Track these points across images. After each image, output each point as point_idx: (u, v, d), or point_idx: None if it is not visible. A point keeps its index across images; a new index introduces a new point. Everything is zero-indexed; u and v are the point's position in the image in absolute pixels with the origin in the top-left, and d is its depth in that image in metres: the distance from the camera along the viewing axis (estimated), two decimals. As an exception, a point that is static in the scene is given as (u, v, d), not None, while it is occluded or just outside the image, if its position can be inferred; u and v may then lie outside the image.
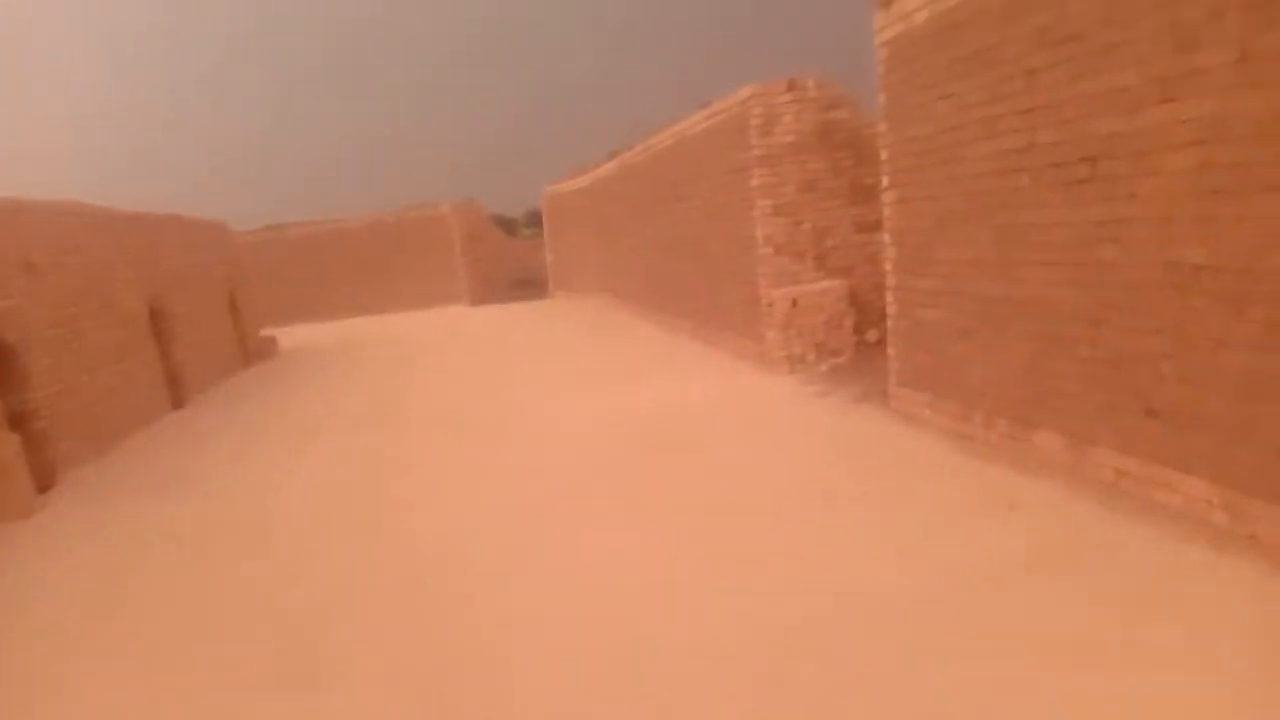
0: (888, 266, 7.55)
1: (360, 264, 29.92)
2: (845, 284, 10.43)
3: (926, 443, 6.90)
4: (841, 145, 10.52)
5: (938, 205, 6.67)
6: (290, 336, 24.08)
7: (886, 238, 7.51)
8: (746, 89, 10.48)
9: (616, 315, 19.51)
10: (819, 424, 8.08)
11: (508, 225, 41.47)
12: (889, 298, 7.61)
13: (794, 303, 10.26)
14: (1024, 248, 5.77)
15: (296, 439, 10.81)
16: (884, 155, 7.41)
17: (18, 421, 9.40)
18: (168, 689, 4.66)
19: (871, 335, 10.41)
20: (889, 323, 7.66)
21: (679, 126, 13.48)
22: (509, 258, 31.94)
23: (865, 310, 10.57)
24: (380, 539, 6.61)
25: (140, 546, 7.19)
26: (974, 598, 4.41)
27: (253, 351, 20.23)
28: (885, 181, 7.42)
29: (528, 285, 30.44)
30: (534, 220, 42.77)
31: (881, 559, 5.01)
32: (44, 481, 9.42)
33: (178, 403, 14.69)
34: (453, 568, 5.84)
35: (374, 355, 18.82)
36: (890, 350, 7.67)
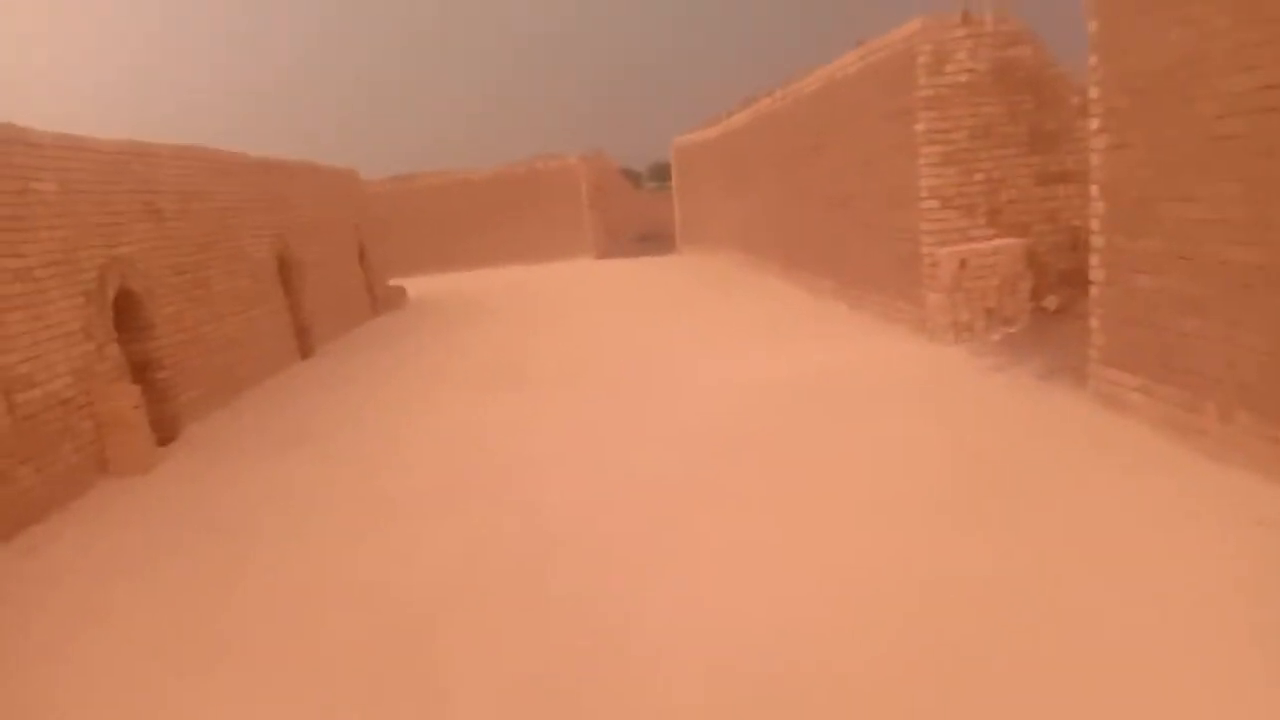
0: (1094, 224, 6.45)
1: (487, 215, 29.60)
2: (1022, 243, 9.29)
3: (1140, 434, 5.84)
4: (1020, 86, 9.32)
5: (1166, 152, 5.55)
6: (418, 287, 23.92)
7: (1094, 190, 6.40)
8: (914, 22, 9.35)
9: (750, 272, 18.56)
10: (1000, 404, 7.07)
11: (632, 178, 40.73)
12: (1094, 260, 6.51)
13: (962, 263, 9.18)
14: (1291, 204, 4.66)
15: (420, 395, 10.34)
16: (1094, 94, 6.28)
17: (140, 371, 9.14)
18: (269, 690, 4.11)
19: (1050, 302, 9.26)
20: (1094, 290, 6.57)
21: (827, 69, 12.38)
22: (635, 211, 31.23)
23: (1043, 273, 9.41)
24: (502, 516, 5.97)
25: (256, 513, 6.75)
26: (1223, 641, 3.45)
27: (381, 301, 20.08)
28: (1095, 124, 6.30)
29: (654, 239, 29.68)
30: (658, 173, 41.94)
31: (1097, 583, 4.05)
32: (166, 434, 9.16)
33: (305, 352, 14.51)
34: (581, 556, 5.15)
35: (500, 308, 18.38)
36: (1093, 322, 6.59)
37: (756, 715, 3.43)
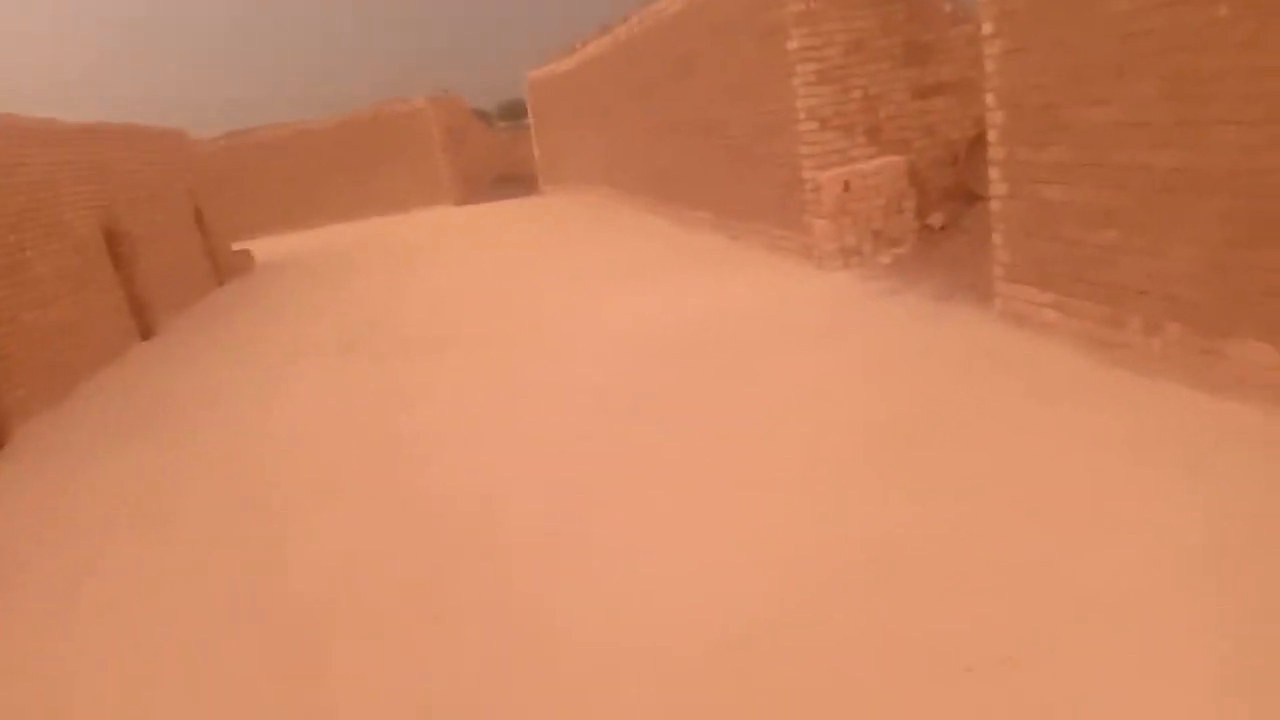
0: (992, 135, 6.12)
1: (334, 167, 28.02)
2: (904, 160, 9.00)
3: (1061, 354, 5.58)
4: (892, -4, 8.95)
5: (1071, 55, 5.22)
6: (266, 249, 22.47)
7: (990, 99, 6.06)
8: (779, -67, 8.85)
9: (620, 209, 17.97)
10: (903, 331, 6.77)
11: (483, 118, 39.39)
12: (993, 174, 6.20)
13: (845, 185, 8.84)
14: (1216, 102, 4.37)
15: (280, 369, 9.48)
16: (985, -5, 5.92)
17: (-49, 374, 8.03)
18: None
19: (936, 219, 9.02)
20: (995, 205, 6.27)
21: (688, -11, 11.80)
22: (492, 153, 30.11)
23: (926, 190, 9.16)
24: (386, 508, 5.34)
25: (101, 520, 5.93)
26: (1192, 595, 3.17)
27: (225, 268, 18.72)
28: (988, 29, 5.94)
29: (514, 181, 28.68)
30: (509, 112, 40.70)
31: (1047, 530, 3.74)
32: (-8, 440, 8.11)
33: (146, 332, 13.28)
34: (482, 551, 4.56)
35: (358, 265, 17.35)
36: (996, 238, 6.30)
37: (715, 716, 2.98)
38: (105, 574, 5.07)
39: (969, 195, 9.11)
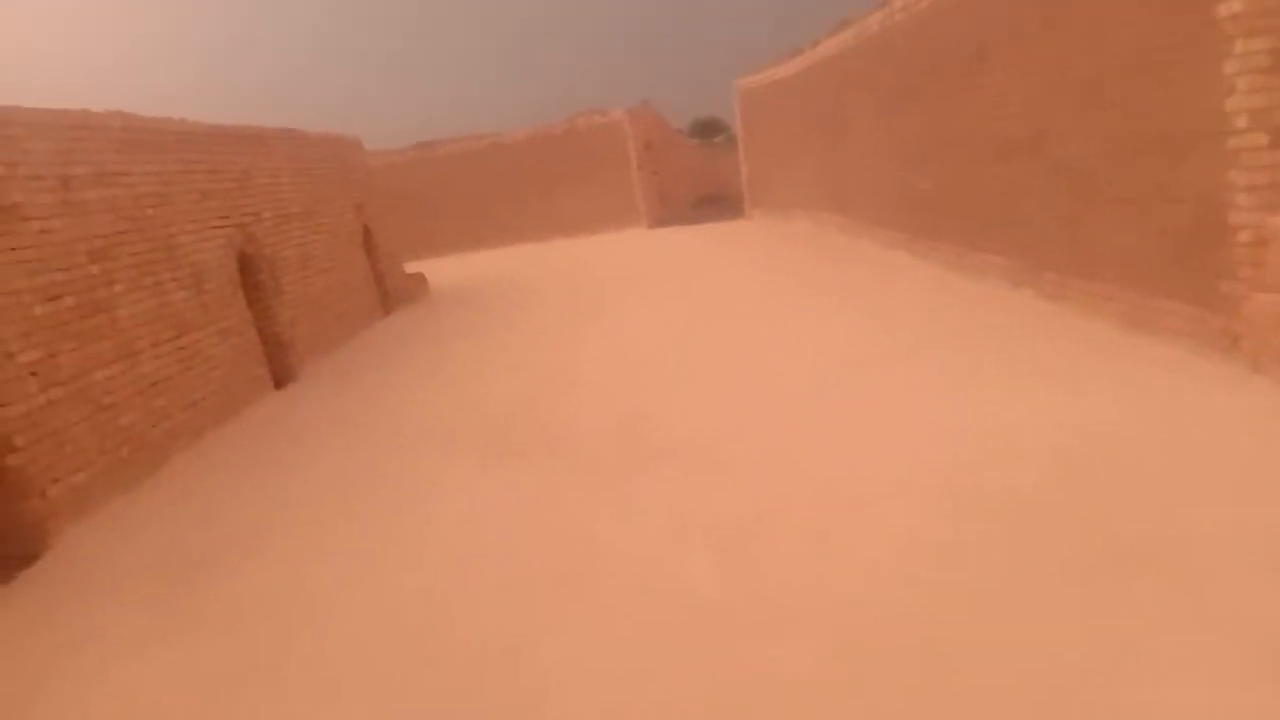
0: None
1: (522, 183, 25.65)
2: None
3: None
4: None
5: None
6: (442, 271, 20.29)
7: None
8: None
9: (857, 242, 14.48)
10: None
11: (676, 135, 36.86)
12: None
13: (1318, 241, 5.27)
14: None
15: (421, 470, 6.67)
16: None
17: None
18: None
19: None
20: None
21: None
22: (693, 171, 27.18)
23: None
24: None
25: None
26: None
27: (394, 295, 16.51)
28: None
29: (716, 202, 25.60)
30: (701, 129, 38.06)
31: None
32: (24, 551, 5.65)
33: (282, 378, 10.96)
34: None
35: (539, 298, 14.73)
36: None
37: None
38: None
39: None
